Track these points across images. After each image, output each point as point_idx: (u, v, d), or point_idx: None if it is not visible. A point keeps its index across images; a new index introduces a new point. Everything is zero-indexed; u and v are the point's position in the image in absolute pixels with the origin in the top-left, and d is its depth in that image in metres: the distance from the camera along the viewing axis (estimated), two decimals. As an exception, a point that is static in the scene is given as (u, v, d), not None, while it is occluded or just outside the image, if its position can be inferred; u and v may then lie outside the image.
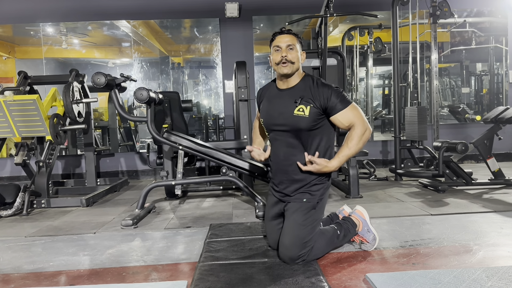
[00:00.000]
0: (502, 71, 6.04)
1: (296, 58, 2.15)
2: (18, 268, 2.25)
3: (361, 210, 2.36)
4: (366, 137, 2.11)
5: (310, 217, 2.11)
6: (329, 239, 2.16)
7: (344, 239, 2.24)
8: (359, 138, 2.09)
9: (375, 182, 4.65)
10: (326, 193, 2.23)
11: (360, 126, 2.09)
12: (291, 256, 2.03)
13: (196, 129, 5.93)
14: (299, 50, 2.19)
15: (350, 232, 2.25)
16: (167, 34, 5.81)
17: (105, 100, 5.70)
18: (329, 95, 2.09)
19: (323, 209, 2.24)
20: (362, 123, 2.09)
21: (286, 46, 2.15)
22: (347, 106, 2.09)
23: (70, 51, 5.74)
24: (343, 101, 2.09)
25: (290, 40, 2.15)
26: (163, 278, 2.02)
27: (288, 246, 2.05)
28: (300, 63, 2.20)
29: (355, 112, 2.10)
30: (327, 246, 2.16)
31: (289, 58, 2.13)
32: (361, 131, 2.09)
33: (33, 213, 3.67)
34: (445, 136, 5.53)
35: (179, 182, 3.48)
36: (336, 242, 2.21)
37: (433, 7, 4.64)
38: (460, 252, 2.21)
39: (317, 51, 5.17)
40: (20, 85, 4.10)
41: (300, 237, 2.05)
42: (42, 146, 4.16)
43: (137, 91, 3.25)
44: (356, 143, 2.09)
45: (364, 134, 2.10)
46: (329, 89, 2.11)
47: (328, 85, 2.14)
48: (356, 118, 2.10)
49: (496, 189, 3.92)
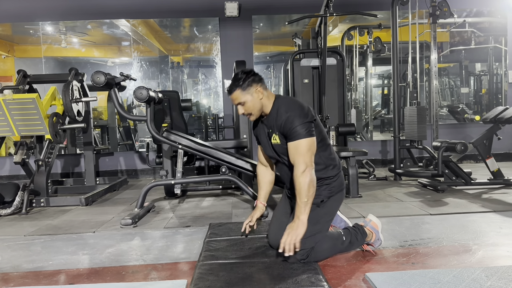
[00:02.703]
0: (501, 71, 6.05)
1: (251, 108, 2.16)
2: (18, 267, 2.24)
3: (376, 222, 2.30)
4: (308, 179, 1.98)
5: (314, 215, 2.10)
6: (333, 244, 2.13)
7: (350, 246, 2.17)
8: (301, 187, 1.98)
9: (375, 182, 4.65)
10: (335, 195, 2.19)
11: (299, 166, 2.00)
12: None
13: (195, 128, 5.93)
14: (250, 95, 2.14)
15: (357, 241, 2.19)
16: (167, 33, 5.81)
17: (105, 99, 5.70)
18: (284, 123, 2.07)
19: (331, 210, 2.19)
20: (303, 162, 2.00)
21: (237, 104, 2.18)
22: (295, 140, 2.03)
23: (69, 50, 5.74)
24: (294, 132, 2.03)
25: (236, 97, 2.16)
26: (162, 277, 2.02)
27: None
28: (259, 102, 2.16)
29: (299, 148, 2.02)
30: (329, 250, 2.12)
31: (246, 112, 2.19)
32: (300, 172, 1.99)
33: (32, 212, 3.66)
34: (445, 136, 5.54)
35: (179, 181, 3.48)
36: (340, 248, 2.16)
37: (433, 7, 4.65)
38: (460, 251, 2.21)
39: (316, 50, 5.17)
40: (19, 84, 4.09)
41: (312, 231, 2.05)
42: (41, 145, 4.15)
43: (136, 90, 3.25)
44: (305, 195, 1.97)
45: (304, 174, 1.98)
46: (285, 117, 2.07)
47: (286, 112, 2.08)
48: (296, 155, 2.02)
49: (495, 189, 3.93)
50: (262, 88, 2.17)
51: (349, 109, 5.91)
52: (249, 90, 2.14)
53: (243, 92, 2.14)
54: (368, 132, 6.21)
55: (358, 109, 6.06)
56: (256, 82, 2.16)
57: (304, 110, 2.08)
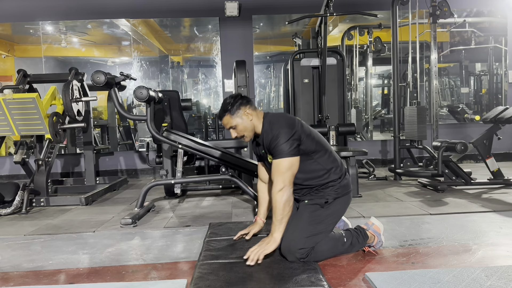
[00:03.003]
0: (502, 71, 6.04)
1: (243, 130, 2.19)
2: (18, 266, 2.24)
3: (378, 225, 2.30)
4: (285, 198, 2.00)
5: (316, 215, 2.11)
6: (333, 245, 2.13)
7: (350, 248, 2.17)
8: (277, 205, 2.01)
9: (375, 182, 4.65)
10: (341, 197, 2.19)
11: (277, 183, 2.02)
12: (290, 249, 2.03)
13: (195, 128, 5.93)
14: (240, 118, 2.17)
15: (358, 243, 2.18)
16: (167, 33, 5.81)
17: (105, 99, 5.69)
18: (270, 142, 2.09)
19: (336, 212, 2.19)
20: (281, 181, 2.02)
21: (229, 128, 2.22)
22: (277, 158, 2.05)
23: (69, 49, 5.74)
24: (277, 151, 2.04)
25: (227, 122, 2.20)
26: (162, 276, 2.02)
27: (290, 239, 2.05)
28: (250, 124, 2.18)
29: (279, 167, 2.04)
30: (329, 251, 2.12)
31: (238, 135, 2.22)
32: (277, 190, 2.01)
33: (32, 212, 3.66)
34: (445, 136, 5.54)
35: (179, 181, 3.48)
36: (341, 249, 2.15)
37: (433, 7, 4.64)
38: (459, 251, 2.21)
39: (316, 50, 5.17)
40: (20, 84, 4.09)
41: (303, 231, 2.06)
42: (41, 144, 4.15)
43: (136, 90, 3.25)
44: (280, 213, 2.00)
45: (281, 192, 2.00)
46: (271, 136, 2.08)
47: (271, 130, 2.09)
48: (275, 173, 2.04)
49: (495, 189, 3.93)
50: (251, 109, 2.19)
51: (349, 109, 5.91)
52: (238, 114, 2.17)
53: (233, 116, 2.17)
54: (368, 132, 6.21)
55: (358, 109, 6.06)
56: (244, 104, 2.18)
57: (290, 126, 2.08)
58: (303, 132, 2.12)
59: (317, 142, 2.18)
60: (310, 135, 2.16)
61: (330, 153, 2.23)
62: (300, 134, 2.09)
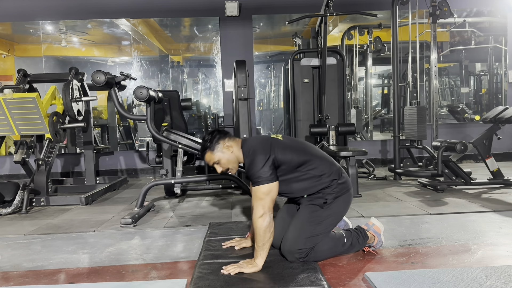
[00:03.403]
0: (501, 71, 6.04)
1: (226, 163, 2.18)
2: (17, 266, 2.25)
3: (379, 225, 2.30)
4: (265, 224, 1.96)
5: (316, 215, 2.11)
6: (333, 245, 2.14)
7: (350, 248, 2.18)
8: (258, 232, 1.97)
9: (374, 182, 4.65)
10: (341, 195, 2.17)
11: (256, 210, 1.99)
12: (290, 249, 2.05)
13: (195, 128, 5.93)
14: (221, 153, 2.16)
15: (358, 243, 2.19)
16: (167, 33, 5.81)
17: (105, 99, 5.70)
18: (247, 170, 2.08)
19: (337, 212, 2.17)
20: (261, 207, 1.98)
21: (213, 164, 2.22)
22: (255, 185, 2.03)
23: (69, 49, 5.74)
24: (254, 178, 2.03)
25: (209, 159, 2.20)
26: (162, 276, 2.02)
27: (290, 239, 2.07)
28: (232, 155, 2.17)
29: (257, 193, 2.01)
30: (329, 251, 2.13)
31: (223, 170, 2.22)
32: (257, 216, 1.98)
33: (32, 211, 3.67)
34: (444, 136, 5.54)
35: (179, 180, 3.48)
36: (341, 250, 2.16)
37: (433, 7, 4.64)
38: (459, 251, 2.22)
39: (316, 50, 5.17)
40: (20, 83, 4.09)
41: (303, 231, 2.06)
42: (41, 144, 4.15)
43: (136, 90, 3.25)
44: (261, 240, 1.97)
45: (261, 218, 1.97)
46: (248, 164, 2.08)
47: (247, 157, 2.09)
48: (255, 200, 2.01)
49: (495, 188, 3.93)
50: (230, 141, 2.18)
51: (349, 109, 5.92)
52: (218, 148, 2.16)
53: (214, 152, 2.17)
54: (368, 131, 6.21)
55: (358, 109, 6.06)
56: (222, 138, 2.18)
57: (263, 151, 2.05)
58: (278, 152, 2.07)
59: (299, 152, 2.13)
60: (286, 149, 2.11)
61: (320, 159, 2.17)
62: (274, 157, 2.05)
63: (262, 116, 6.15)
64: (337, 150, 3.95)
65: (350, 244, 2.18)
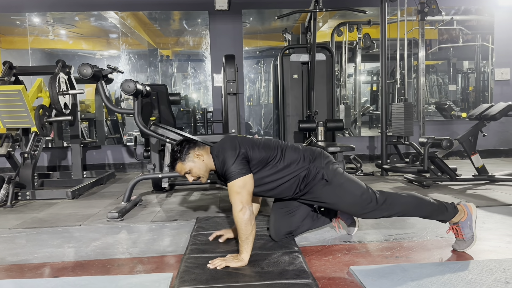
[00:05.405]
0: (488, 69, 6.12)
1: (197, 172, 2.17)
2: (2, 259, 2.22)
3: (472, 206, 2.20)
4: (246, 217, 1.97)
5: (336, 185, 2.12)
6: (419, 199, 2.11)
7: (438, 212, 2.12)
8: (239, 226, 1.98)
9: (361, 177, 4.69)
10: (331, 165, 2.16)
11: (235, 205, 2.00)
12: (357, 212, 2.14)
13: (184, 123, 5.91)
14: (192, 162, 2.15)
15: (447, 211, 2.12)
16: (156, 26, 5.77)
17: (92, 92, 5.64)
18: (221, 169, 2.09)
19: (346, 177, 2.16)
20: (239, 201, 1.99)
21: (184, 174, 2.21)
22: (230, 181, 2.03)
23: (57, 42, 5.66)
24: (228, 174, 2.03)
25: (180, 169, 2.19)
26: (148, 270, 2.02)
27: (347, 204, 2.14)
28: (202, 164, 2.16)
29: (233, 188, 2.01)
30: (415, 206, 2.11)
31: (195, 178, 2.21)
32: (237, 211, 1.98)
33: (18, 205, 3.63)
34: (431, 133, 5.60)
35: (166, 175, 3.47)
36: (428, 207, 2.12)
37: (421, 4, 4.67)
38: (443, 246, 2.25)
39: (306, 46, 5.18)
40: (5, 76, 4.03)
41: (352, 193, 2.11)
42: (27, 137, 4.10)
43: (124, 83, 3.23)
44: (243, 234, 1.98)
45: (241, 212, 1.97)
46: (220, 163, 2.08)
47: (218, 157, 2.10)
48: (232, 195, 2.02)
49: (479, 185, 3.99)
50: (200, 150, 2.17)
51: (338, 105, 5.95)
52: (189, 158, 2.16)
53: (184, 162, 2.16)
54: (356, 128, 6.25)
55: (347, 105, 6.09)
56: (192, 147, 2.18)
57: (232, 148, 2.06)
58: (247, 147, 2.08)
59: (266, 148, 2.14)
60: (254, 145, 2.12)
61: (288, 150, 2.17)
62: (244, 151, 2.06)
63: (252, 111, 6.15)
64: (325, 145, 3.97)
65: (438, 207, 2.12)
